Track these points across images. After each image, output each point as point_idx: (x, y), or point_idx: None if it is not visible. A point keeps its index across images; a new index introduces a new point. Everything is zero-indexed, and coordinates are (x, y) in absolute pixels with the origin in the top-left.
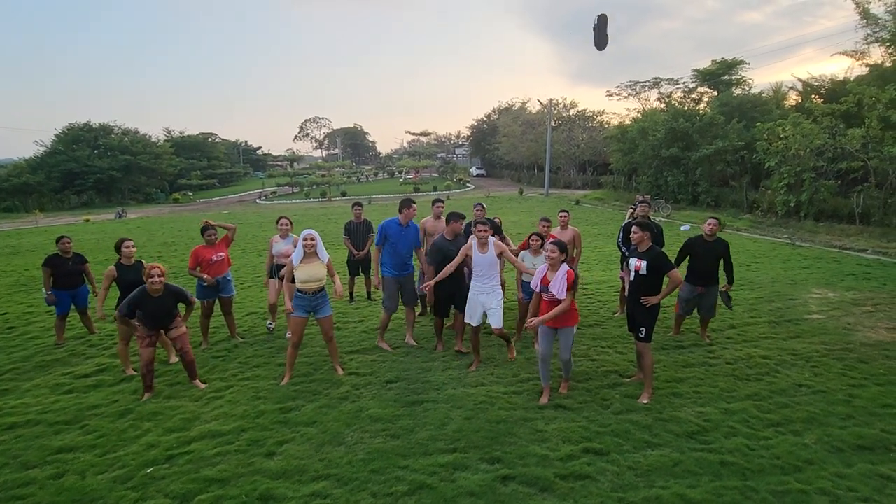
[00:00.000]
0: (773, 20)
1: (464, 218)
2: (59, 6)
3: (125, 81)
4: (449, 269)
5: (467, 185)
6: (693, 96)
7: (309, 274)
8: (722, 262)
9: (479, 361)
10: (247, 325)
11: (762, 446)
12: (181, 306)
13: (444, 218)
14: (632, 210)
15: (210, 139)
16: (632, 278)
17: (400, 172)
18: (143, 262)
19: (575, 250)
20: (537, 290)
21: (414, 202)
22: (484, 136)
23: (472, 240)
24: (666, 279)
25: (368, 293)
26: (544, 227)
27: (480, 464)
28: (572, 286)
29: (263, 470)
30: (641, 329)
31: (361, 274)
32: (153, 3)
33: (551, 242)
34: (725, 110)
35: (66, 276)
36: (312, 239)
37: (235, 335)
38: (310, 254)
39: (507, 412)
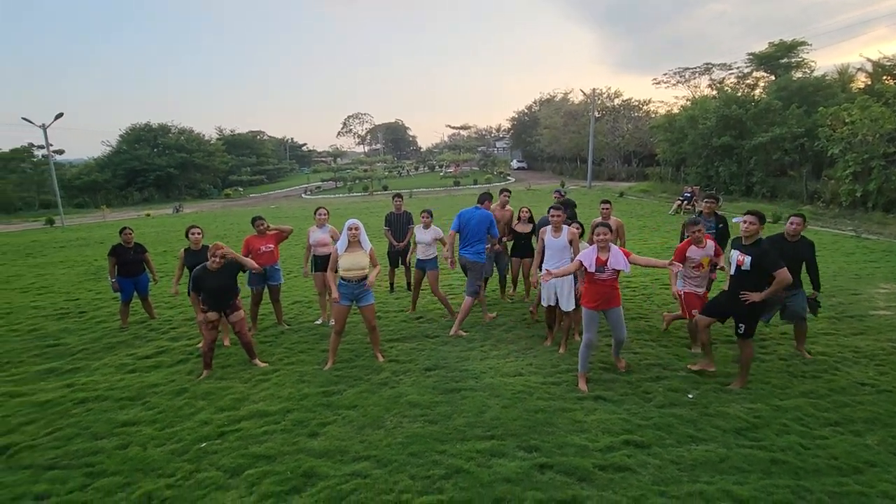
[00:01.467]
0: None
1: (491, 198)
2: (118, 15)
3: (181, 82)
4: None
5: (508, 178)
6: (748, 81)
7: (352, 262)
8: (805, 265)
9: (551, 337)
10: (292, 313)
11: (818, 445)
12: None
13: (510, 207)
14: (679, 202)
15: (259, 137)
16: (732, 272)
17: (440, 166)
18: (209, 245)
19: (618, 241)
20: (591, 269)
21: (492, 196)
22: (525, 128)
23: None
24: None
25: (408, 283)
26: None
27: (517, 451)
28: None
29: (307, 449)
30: (740, 326)
31: (402, 265)
32: (203, 9)
33: (600, 224)
34: (784, 95)
35: (128, 264)
36: (356, 228)
37: (282, 322)
38: (353, 243)
39: (546, 402)
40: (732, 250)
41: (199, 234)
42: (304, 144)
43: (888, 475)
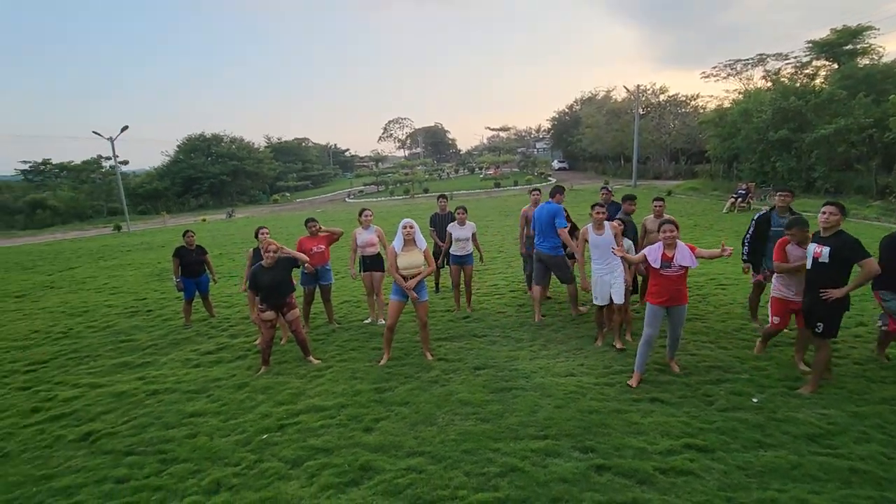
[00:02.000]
0: None
1: (563, 191)
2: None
3: (231, 92)
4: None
5: (549, 178)
6: (807, 71)
7: (409, 261)
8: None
9: (602, 337)
10: (341, 312)
11: None
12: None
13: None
14: (733, 199)
15: (304, 143)
16: (809, 266)
17: (480, 168)
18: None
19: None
20: (657, 265)
21: (563, 189)
22: (565, 128)
23: (589, 223)
24: (856, 269)
25: (436, 285)
26: (629, 206)
27: (573, 452)
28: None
29: (363, 443)
30: (819, 324)
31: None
32: (251, 23)
33: (667, 221)
34: (848, 84)
35: (190, 265)
36: (411, 227)
37: (333, 321)
38: (409, 241)
39: (600, 403)
40: (812, 243)
41: (267, 233)
42: (347, 150)
43: None
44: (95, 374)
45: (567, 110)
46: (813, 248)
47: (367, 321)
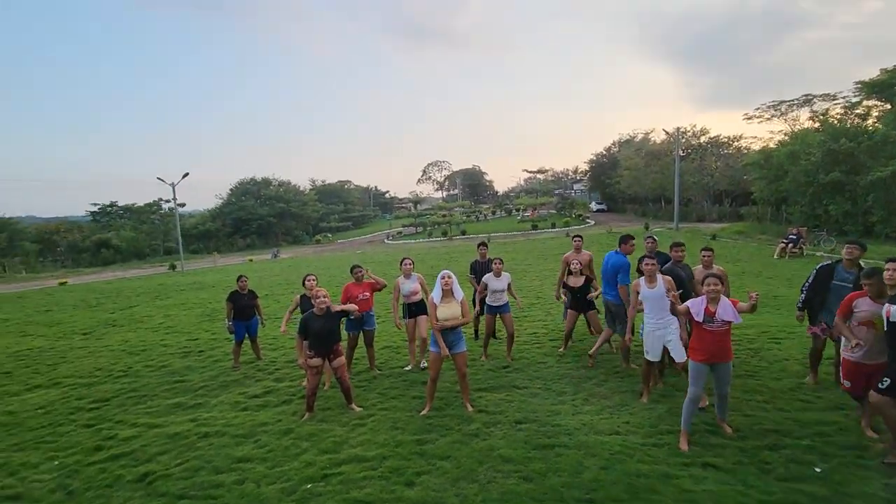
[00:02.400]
0: None
1: (632, 239)
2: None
3: (280, 137)
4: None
5: (587, 220)
6: (857, 111)
7: (448, 313)
8: None
9: (648, 394)
10: (382, 359)
11: None
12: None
13: (583, 251)
14: (783, 244)
15: (346, 186)
16: (886, 328)
17: (517, 210)
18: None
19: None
20: (699, 319)
21: (633, 237)
22: (603, 170)
23: (641, 277)
24: None
25: (476, 332)
26: (677, 252)
27: None
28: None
29: (404, 498)
30: (885, 380)
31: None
32: (291, 68)
33: (712, 275)
34: None
35: (242, 309)
36: (449, 277)
37: (374, 367)
38: (447, 292)
39: (648, 466)
40: (886, 304)
41: (313, 281)
42: (387, 192)
43: None
44: (152, 414)
45: (605, 152)
46: (886, 307)
47: (407, 368)
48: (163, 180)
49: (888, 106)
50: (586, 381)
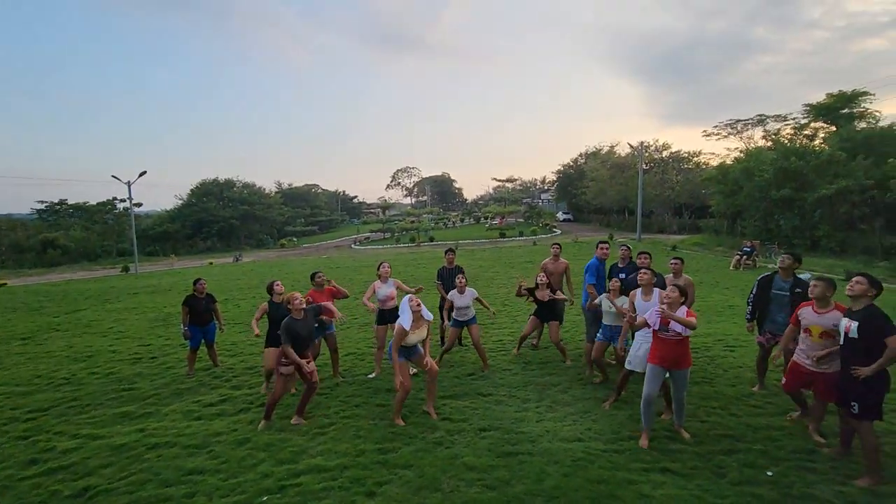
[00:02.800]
0: None
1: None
2: (184, 82)
3: (245, 138)
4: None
5: (554, 230)
6: (806, 133)
7: (418, 337)
8: None
9: (613, 402)
10: (346, 365)
11: None
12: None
13: (560, 259)
14: (738, 256)
15: (313, 190)
16: (841, 342)
17: (486, 218)
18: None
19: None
20: (655, 328)
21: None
22: (570, 180)
23: (638, 289)
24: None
25: (459, 339)
26: (643, 260)
27: None
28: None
29: None
30: (853, 404)
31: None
32: (259, 72)
33: (672, 284)
34: (847, 146)
35: (199, 313)
36: (419, 304)
37: (338, 373)
38: (417, 315)
39: (609, 472)
40: (843, 318)
41: (281, 286)
42: (356, 197)
43: None
44: (95, 425)
45: (572, 163)
46: (844, 322)
47: (371, 375)
48: (118, 178)
49: (833, 128)
50: (550, 389)
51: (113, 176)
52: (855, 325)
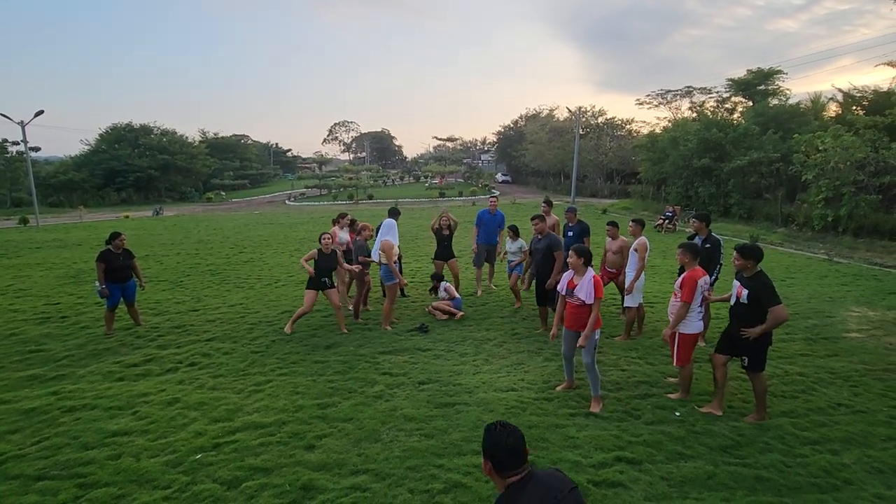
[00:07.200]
0: (809, 28)
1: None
2: (107, 18)
3: (165, 84)
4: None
5: (493, 191)
6: (727, 106)
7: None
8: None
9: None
10: (282, 322)
11: (798, 464)
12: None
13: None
14: (661, 220)
15: (243, 141)
16: (732, 303)
17: (426, 177)
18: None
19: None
20: (563, 293)
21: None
22: (510, 142)
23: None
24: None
25: (402, 290)
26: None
27: None
28: (600, 291)
29: (304, 462)
30: (744, 358)
31: None
32: (190, 15)
33: (573, 248)
34: (761, 121)
35: (116, 270)
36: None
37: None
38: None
39: (539, 418)
40: (734, 280)
41: (328, 239)
42: (290, 150)
43: (864, 493)
44: None
45: (512, 125)
46: (736, 286)
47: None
48: (9, 117)
49: (750, 103)
50: (486, 343)
51: (1, 114)
52: (746, 292)
